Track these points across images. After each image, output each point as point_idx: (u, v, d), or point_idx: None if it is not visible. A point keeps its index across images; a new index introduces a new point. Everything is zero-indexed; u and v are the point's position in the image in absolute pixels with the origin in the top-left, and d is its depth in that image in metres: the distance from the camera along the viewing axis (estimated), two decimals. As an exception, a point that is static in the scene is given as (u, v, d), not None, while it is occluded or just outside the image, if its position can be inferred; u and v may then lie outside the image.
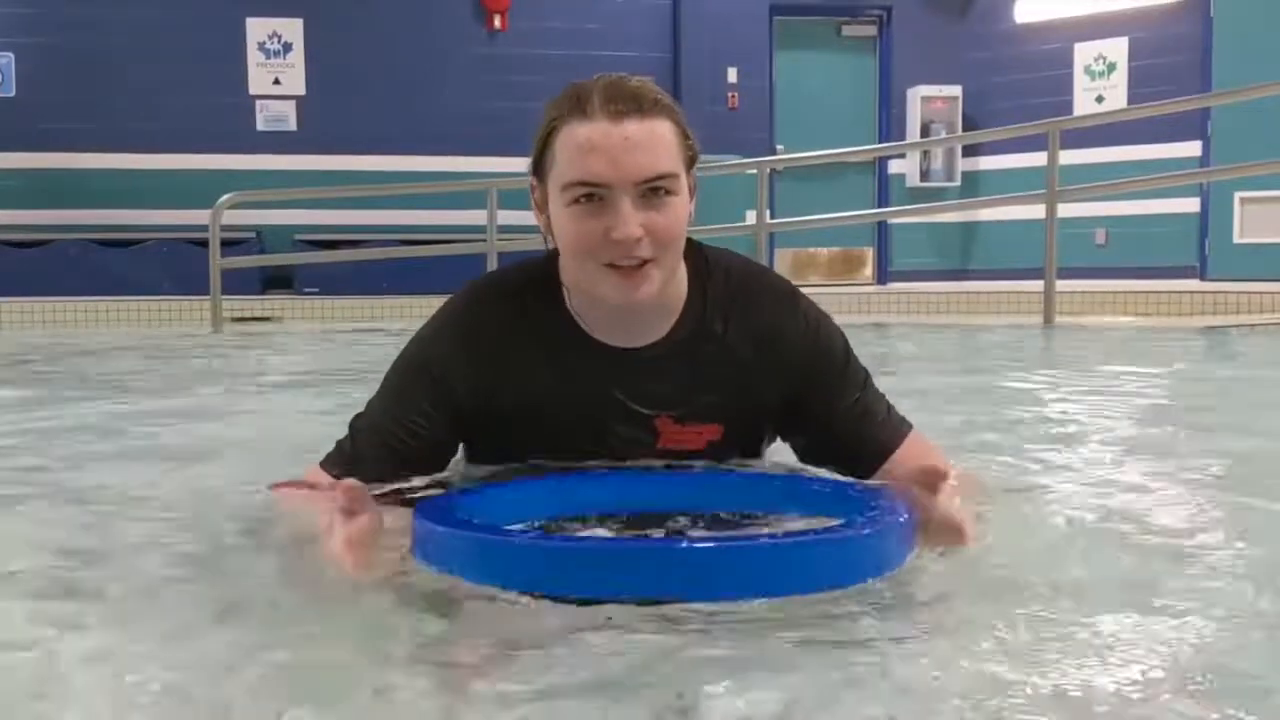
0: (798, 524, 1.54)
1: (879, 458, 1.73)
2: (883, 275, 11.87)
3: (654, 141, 1.56)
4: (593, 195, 1.55)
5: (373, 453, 1.68)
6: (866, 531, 1.36)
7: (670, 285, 1.66)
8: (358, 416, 1.77)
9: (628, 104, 1.55)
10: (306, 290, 10.15)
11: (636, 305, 1.62)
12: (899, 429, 1.77)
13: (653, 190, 1.56)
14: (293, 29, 10.95)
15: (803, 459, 1.84)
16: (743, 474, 1.71)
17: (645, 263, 1.57)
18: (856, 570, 1.33)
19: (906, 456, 1.73)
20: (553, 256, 1.69)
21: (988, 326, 7.48)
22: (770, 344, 1.71)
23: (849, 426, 1.74)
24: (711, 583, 1.26)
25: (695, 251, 1.73)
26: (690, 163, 1.64)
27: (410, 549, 1.43)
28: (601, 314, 1.67)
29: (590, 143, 1.54)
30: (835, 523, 1.45)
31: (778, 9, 11.59)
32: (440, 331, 1.74)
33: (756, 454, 1.84)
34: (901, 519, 1.41)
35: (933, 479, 1.48)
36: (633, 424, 1.70)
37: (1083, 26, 11.10)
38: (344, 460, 1.71)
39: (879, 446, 1.73)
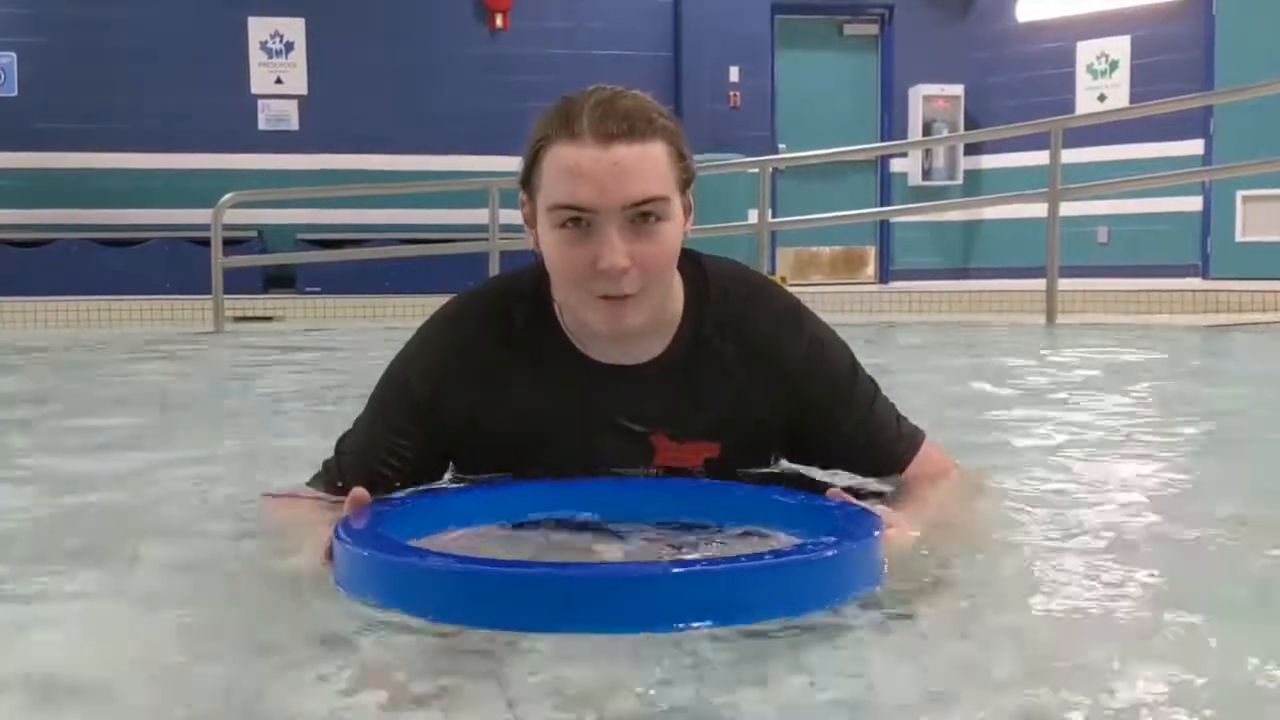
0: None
1: (891, 474, 1.72)
2: (885, 274, 11.87)
3: (644, 166, 1.49)
4: (579, 220, 1.50)
5: (357, 477, 1.64)
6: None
7: (666, 302, 1.61)
8: (343, 438, 1.73)
9: (618, 126, 1.48)
10: (308, 289, 10.15)
11: (623, 334, 1.57)
12: (911, 441, 1.74)
13: (641, 216, 1.49)
14: (294, 28, 10.95)
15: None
16: (692, 483, 1.65)
17: (632, 294, 1.52)
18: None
19: (921, 469, 1.72)
20: (543, 268, 1.62)
21: (989, 324, 7.48)
22: (768, 364, 1.65)
23: (857, 446, 1.70)
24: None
25: (694, 264, 1.68)
26: (685, 184, 1.57)
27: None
28: (594, 330, 1.61)
29: (577, 167, 1.48)
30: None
31: (779, 8, 11.58)
32: (425, 350, 1.69)
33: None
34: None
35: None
36: (628, 441, 1.65)
37: (1085, 25, 11.09)
38: (330, 483, 1.69)
39: (890, 463, 1.71)
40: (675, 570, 1.27)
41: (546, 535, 1.56)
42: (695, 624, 1.17)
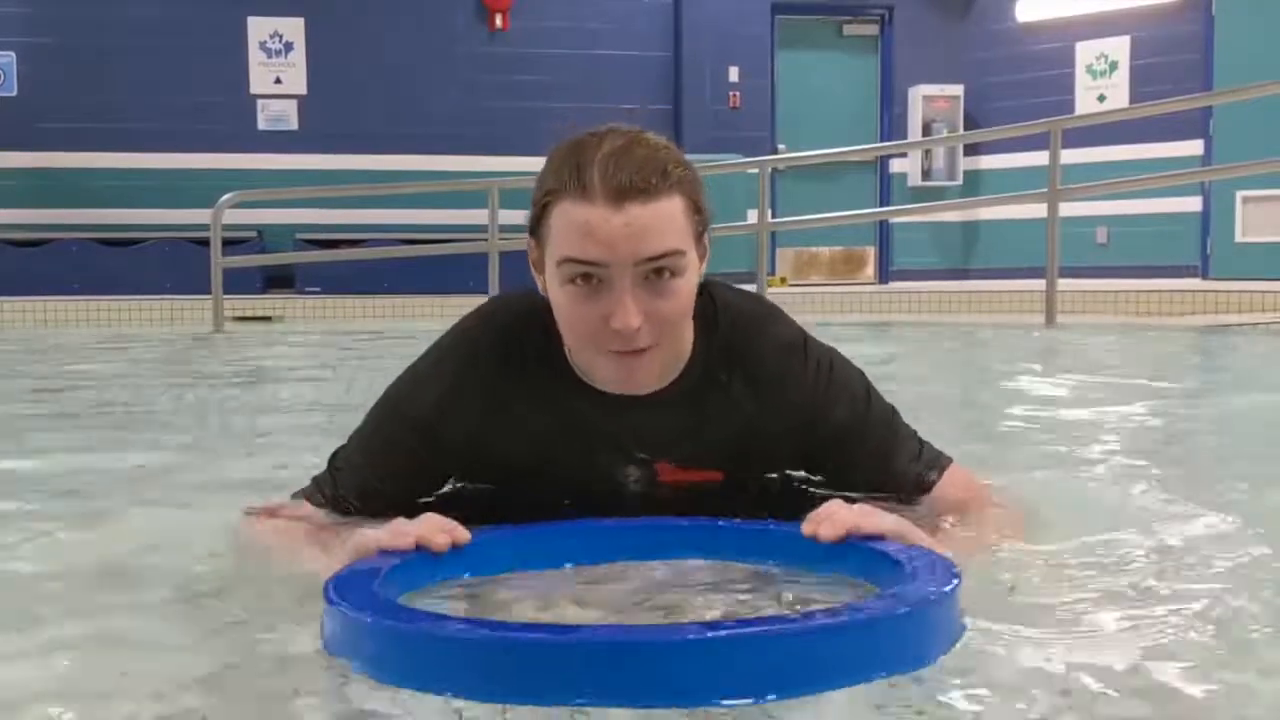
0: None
1: (914, 499, 1.65)
2: (884, 274, 11.87)
3: (659, 224, 1.43)
4: (590, 276, 1.44)
5: (353, 496, 1.62)
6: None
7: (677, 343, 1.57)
8: (337, 454, 1.69)
9: (631, 182, 1.41)
10: (308, 289, 10.15)
11: (635, 390, 1.54)
12: (934, 466, 1.67)
13: (655, 272, 1.44)
14: (294, 28, 10.94)
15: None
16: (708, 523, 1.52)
17: (645, 348, 1.48)
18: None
19: (945, 493, 1.66)
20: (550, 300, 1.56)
21: (988, 326, 7.47)
22: (777, 396, 1.61)
23: (875, 471, 1.65)
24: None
25: (703, 294, 1.61)
26: (700, 234, 1.51)
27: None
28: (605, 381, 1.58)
29: (588, 226, 1.42)
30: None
31: (779, 8, 11.58)
32: (431, 374, 1.64)
33: (761, 499, 1.71)
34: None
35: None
36: (632, 468, 1.64)
37: (1084, 25, 11.09)
38: (323, 500, 1.65)
39: (912, 488, 1.65)
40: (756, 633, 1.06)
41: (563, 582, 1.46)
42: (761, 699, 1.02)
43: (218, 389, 4.38)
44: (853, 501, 1.42)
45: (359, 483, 1.63)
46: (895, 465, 1.65)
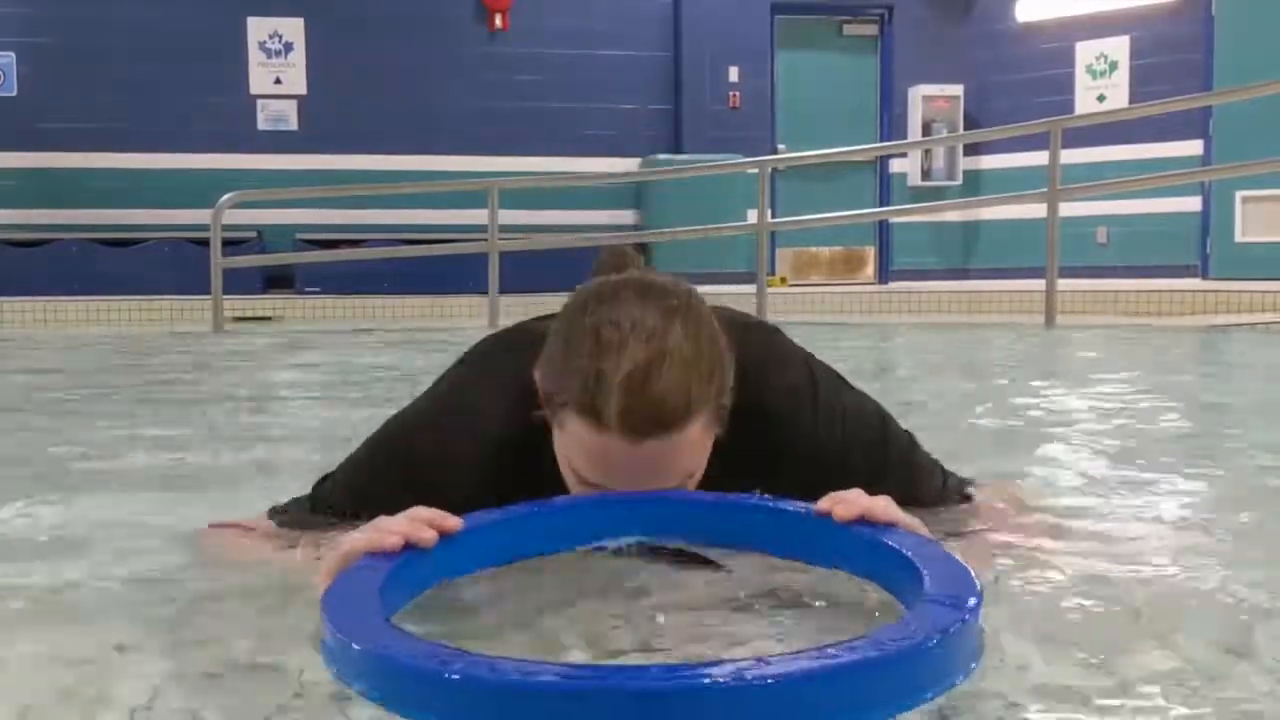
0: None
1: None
2: (884, 274, 11.86)
3: (678, 454, 1.36)
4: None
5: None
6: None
7: None
8: (324, 483, 1.62)
9: (652, 418, 1.31)
10: (308, 290, 10.15)
11: None
12: (958, 494, 1.64)
13: None
14: (294, 28, 10.94)
15: None
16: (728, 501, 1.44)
17: None
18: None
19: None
20: None
21: (988, 326, 7.47)
22: (786, 449, 1.54)
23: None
24: None
25: None
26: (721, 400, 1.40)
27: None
28: None
29: (603, 457, 1.34)
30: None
31: (779, 8, 11.58)
32: (434, 429, 1.56)
33: None
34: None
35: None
36: None
37: (1084, 25, 11.09)
38: (297, 524, 1.58)
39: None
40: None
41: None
42: None
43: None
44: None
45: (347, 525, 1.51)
46: (921, 498, 1.57)
